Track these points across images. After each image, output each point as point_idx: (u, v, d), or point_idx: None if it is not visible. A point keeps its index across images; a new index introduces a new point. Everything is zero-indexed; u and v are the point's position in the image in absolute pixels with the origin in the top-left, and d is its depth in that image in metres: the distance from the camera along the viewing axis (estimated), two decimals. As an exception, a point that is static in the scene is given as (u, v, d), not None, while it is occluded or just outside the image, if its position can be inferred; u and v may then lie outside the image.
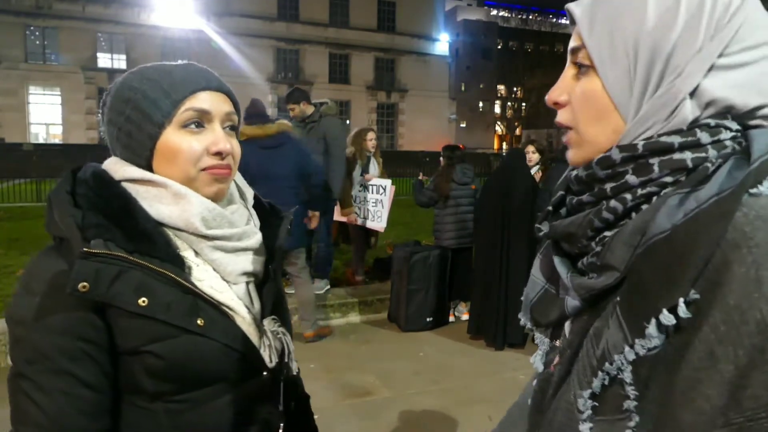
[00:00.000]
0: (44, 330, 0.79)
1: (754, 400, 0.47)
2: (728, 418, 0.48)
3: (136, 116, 0.87)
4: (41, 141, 29.31)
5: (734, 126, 0.58)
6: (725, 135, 0.58)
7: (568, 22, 0.71)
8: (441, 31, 39.66)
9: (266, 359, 0.94)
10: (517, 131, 52.51)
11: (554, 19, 70.12)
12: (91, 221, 0.81)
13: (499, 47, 60.49)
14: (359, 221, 5.32)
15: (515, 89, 56.26)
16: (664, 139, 0.59)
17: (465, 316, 4.89)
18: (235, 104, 0.94)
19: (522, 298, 0.80)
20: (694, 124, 0.58)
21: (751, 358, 0.47)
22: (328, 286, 5.14)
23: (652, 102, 0.59)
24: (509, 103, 56.64)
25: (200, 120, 0.89)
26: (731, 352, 0.48)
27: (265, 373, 0.94)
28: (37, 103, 29.88)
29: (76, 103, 29.93)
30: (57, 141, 29.59)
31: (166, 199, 0.87)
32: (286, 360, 0.99)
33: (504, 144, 55.86)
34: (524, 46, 60.89)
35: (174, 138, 0.87)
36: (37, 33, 29.41)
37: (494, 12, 69.94)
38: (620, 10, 0.60)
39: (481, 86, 58.69)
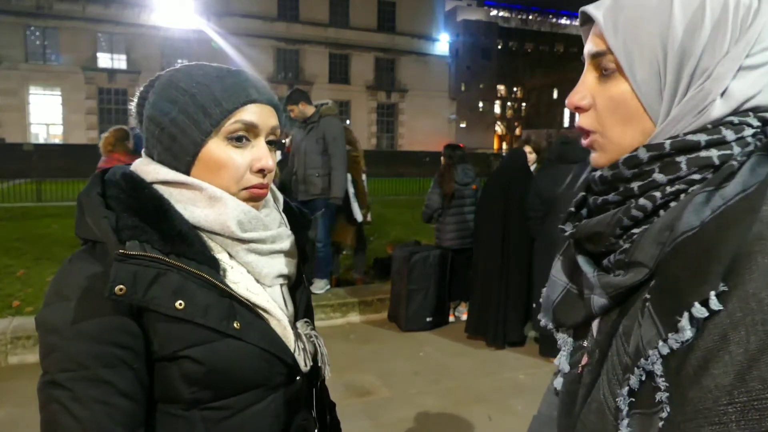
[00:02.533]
0: (80, 337, 0.76)
1: (759, 382, 0.48)
2: (733, 396, 0.49)
3: (182, 120, 0.84)
4: (41, 141, 29.29)
5: (755, 123, 0.60)
6: (748, 132, 0.59)
7: (577, 23, 0.71)
8: (441, 31, 39.62)
9: (301, 363, 0.92)
10: (517, 131, 52.46)
11: (554, 19, 70.09)
12: (126, 223, 0.79)
13: (499, 47, 60.47)
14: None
15: (515, 89, 56.18)
16: (690, 137, 0.60)
17: (465, 317, 4.89)
18: (280, 117, 0.93)
19: (541, 299, 0.80)
20: (718, 121, 0.60)
21: (762, 343, 0.49)
22: (328, 286, 5.14)
23: (682, 105, 0.60)
24: (509, 103, 56.59)
25: (246, 133, 0.87)
26: (743, 337, 0.50)
27: (298, 378, 0.93)
28: (37, 103, 29.86)
29: (77, 103, 29.92)
30: (57, 141, 29.58)
31: (200, 202, 0.85)
32: (319, 364, 0.98)
33: (504, 144, 55.85)
34: (524, 46, 60.84)
35: (219, 149, 0.85)
36: (37, 33, 29.39)
37: (494, 12, 69.90)
38: (645, 13, 0.61)
39: (481, 86, 58.66)
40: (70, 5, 29.19)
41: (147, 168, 0.87)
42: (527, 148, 4.99)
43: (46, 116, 30.08)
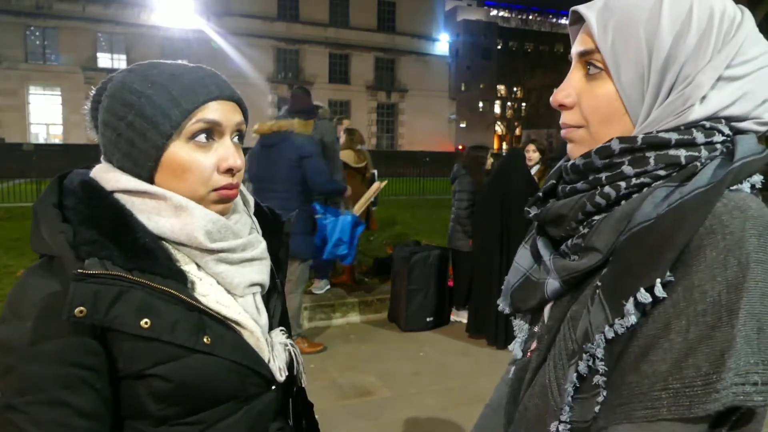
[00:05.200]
0: (37, 358, 0.72)
1: (694, 370, 0.51)
2: (667, 382, 0.52)
3: (140, 123, 0.79)
4: (41, 141, 29.28)
5: (726, 130, 0.62)
6: (717, 138, 0.62)
7: (567, 22, 0.72)
8: (441, 31, 39.60)
9: (276, 373, 0.89)
10: (517, 131, 52.50)
11: (554, 19, 70.08)
12: (84, 237, 0.74)
13: (499, 47, 60.43)
14: None
15: (515, 89, 56.25)
16: (662, 135, 0.62)
17: (462, 319, 4.90)
18: (245, 112, 0.88)
19: (503, 286, 0.82)
20: (692, 124, 0.62)
21: (701, 333, 0.51)
22: (328, 286, 5.13)
23: (662, 108, 0.63)
24: (509, 103, 56.64)
25: (210, 132, 0.82)
26: (684, 326, 0.52)
27: (273, 388, 0.90)
28: (37, 103, 29.85)
29: (76, 103, 29.85)
30: (57, 141, 29.56)
31: (165, 212, 0.81)
32: (295, 373, 0.96)
33: (504, 144, 55.85)
34: (524, 46, 60.83)
35: (182, 152, 0.80)
36: (37, 33, 29.38)
37: (494, 12, 69.89)
38: (635, 18, 0.63)
39: (481, 86, 58.63)
40: (70, 5, 29.19)
41: (107, 175, 0.82)
42: (531, 147, 5.00)
43: (46, 116, 30.07)
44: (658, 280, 0.54)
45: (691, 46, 0.61)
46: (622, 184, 0.63)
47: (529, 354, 0.74)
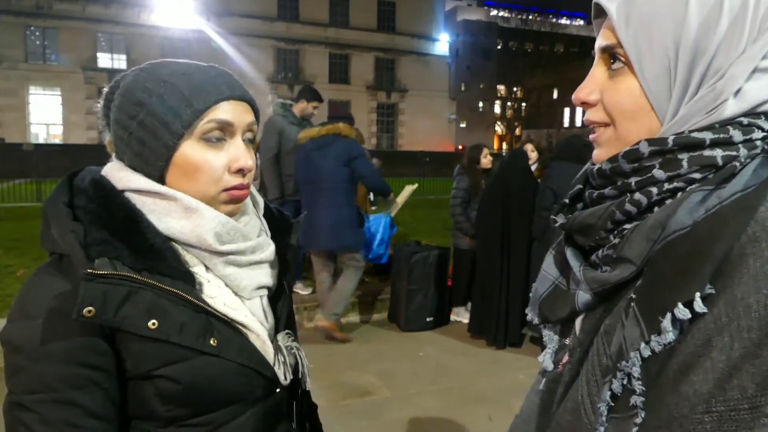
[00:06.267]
0: (46, 358, 0.73)
1: (739, 391, 0.46)
2: (710, 405, 0.47)
3: (151, 122, 0.79)
4: (41, 141, 29.28)
5: (766, 126, 0.57)
6: (757, 135, 0.56)
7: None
8: (441, 31, 39.60)
9: (281, 376, 0.89)
10: (517, 131, 52.55)
11: (554, 19, 70.08)
12: (94, 237, 0.75)
13: (499, 47, 60.47)
14: None
15: (515, 89, 56.29)
16: (695, 134, 0.56)
17: (462, 319, 4.90)
18: (256, 113, 0.88)
19: (530, 294, 0.78)
20: (727, 121, 0.56)
21: (746, 351, 0.46)
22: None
23: (691, 104, 0.57)
24: (509, 103, 56.68)
25: (222, 132, 0.82)
26: (727, 343, 0.47)
27: (278, 390, 0.91)
28: (37, 103, 29.85)
29: (76, 103, 29.90)
30: (57, 141, 29.57)
31: (176, 213, 0.81)
32: (299, 376, 0.96)
33: (504, 144, 55.91)
34: (524, 46, 60.87)
35: (193, 151, 0.81)
36: (37, 33, 29.38)
37: (494, 12, 69.92)
38: (659, 8, 0.58)
39: (481, 86, 58.66)
40: (70, 5, 29.18)
41: (118, 174, 0.82)
42: (529, 146, 5.02)
43: (46, 116, 30.06)
44: (698, 294, 0.49)
45: (721, 35, 0.55)
46: (654, 189, 0.58)
47: (560, 367, 0.71)
